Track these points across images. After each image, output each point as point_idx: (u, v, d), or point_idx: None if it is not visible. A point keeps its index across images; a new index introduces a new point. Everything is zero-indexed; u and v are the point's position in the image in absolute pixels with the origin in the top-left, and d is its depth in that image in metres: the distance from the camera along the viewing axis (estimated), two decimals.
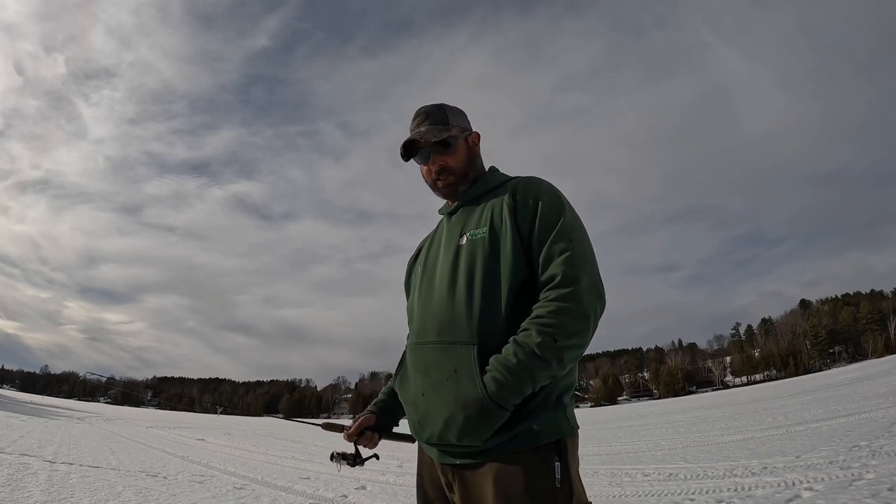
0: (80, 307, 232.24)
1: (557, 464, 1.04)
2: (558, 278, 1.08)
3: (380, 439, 1.38)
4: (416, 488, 1.29)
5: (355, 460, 1.36)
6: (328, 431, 1.51)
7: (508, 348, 1.05)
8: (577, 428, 1.14)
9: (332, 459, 1.38)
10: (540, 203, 1.18)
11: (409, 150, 1.34)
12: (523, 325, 1.07)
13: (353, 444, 1.37)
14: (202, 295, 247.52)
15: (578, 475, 1.10)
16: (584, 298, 1.06)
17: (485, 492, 1.06)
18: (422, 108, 1.36)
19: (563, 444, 1.07)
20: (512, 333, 1.08)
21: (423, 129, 1.32)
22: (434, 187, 1.35)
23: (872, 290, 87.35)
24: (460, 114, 1.38)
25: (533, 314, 1.07)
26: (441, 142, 1.30)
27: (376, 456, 1.39)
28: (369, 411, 1.39)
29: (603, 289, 1.12)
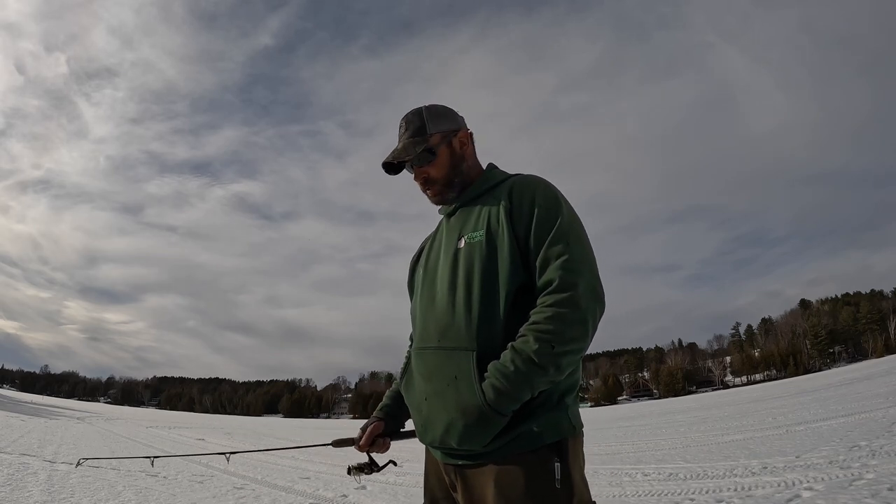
0: (80, 307, 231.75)
1: (557, 465, 1.04)
2: (555, 283, 1.06)
3: (391, 442, 1.40)
4: (423, 488, 1.30)
5: (372, 469, 1.37)
6: (340, 448, 1.49)
7: (506, 355, 1.05)
8: (581, 427, 1.13)
9: (349, 474, 1.38)
10: (536, 204, 1.15)
11: (391, 166, 1.35)
12: (521, 331, 1.06)
13: (366, 453, 1.37)
14: (202, 295, 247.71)
15: (582, 475, 1.10)
16: (582, 303, 1.05)
17: (486, 493, 1.07)
18: (404, 116, 1.34)
19: (564, 444, 1.07)
20: (511, 339, 1.07)
21: (399, 145, 1.31)
22: (426, 196, 1.36)
23: (872, 290, 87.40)
24: (443, 115, 1.33)
25: (530, 320, 1.06)
26: (419, 154, 1.28)
27: (393, 462, 1.40)
28: (376, 417, 1.39)
29: (602, 292, 1.10)
